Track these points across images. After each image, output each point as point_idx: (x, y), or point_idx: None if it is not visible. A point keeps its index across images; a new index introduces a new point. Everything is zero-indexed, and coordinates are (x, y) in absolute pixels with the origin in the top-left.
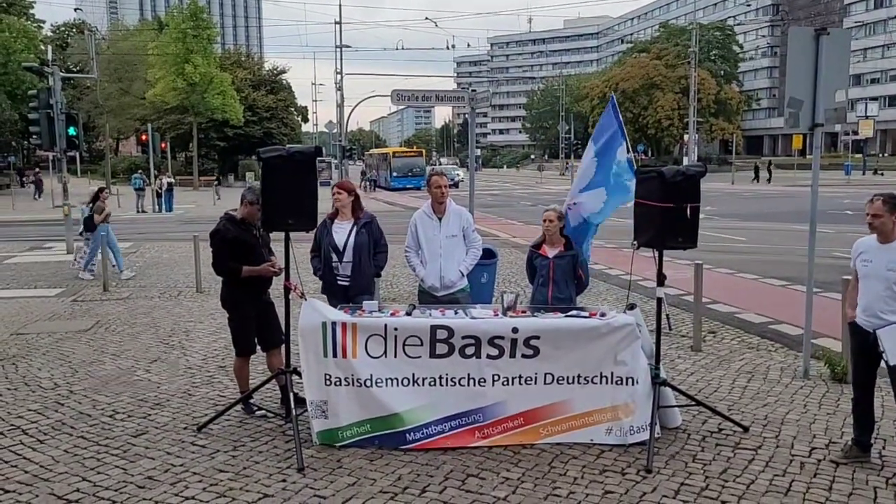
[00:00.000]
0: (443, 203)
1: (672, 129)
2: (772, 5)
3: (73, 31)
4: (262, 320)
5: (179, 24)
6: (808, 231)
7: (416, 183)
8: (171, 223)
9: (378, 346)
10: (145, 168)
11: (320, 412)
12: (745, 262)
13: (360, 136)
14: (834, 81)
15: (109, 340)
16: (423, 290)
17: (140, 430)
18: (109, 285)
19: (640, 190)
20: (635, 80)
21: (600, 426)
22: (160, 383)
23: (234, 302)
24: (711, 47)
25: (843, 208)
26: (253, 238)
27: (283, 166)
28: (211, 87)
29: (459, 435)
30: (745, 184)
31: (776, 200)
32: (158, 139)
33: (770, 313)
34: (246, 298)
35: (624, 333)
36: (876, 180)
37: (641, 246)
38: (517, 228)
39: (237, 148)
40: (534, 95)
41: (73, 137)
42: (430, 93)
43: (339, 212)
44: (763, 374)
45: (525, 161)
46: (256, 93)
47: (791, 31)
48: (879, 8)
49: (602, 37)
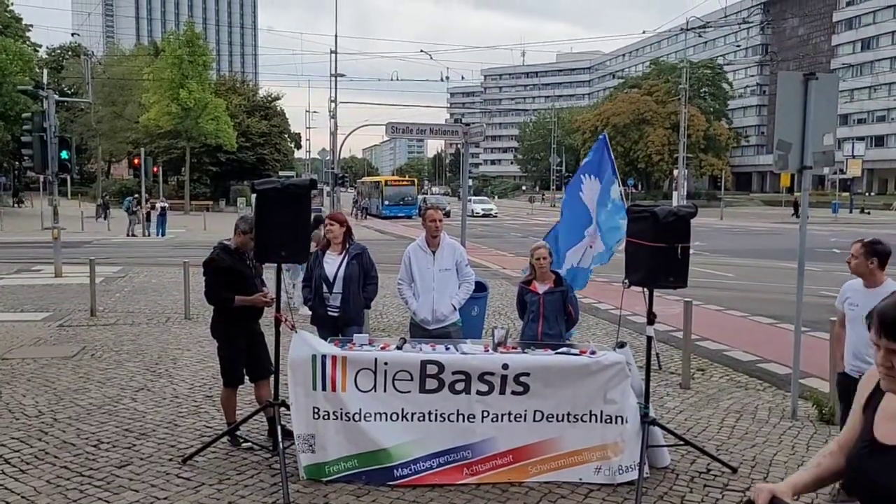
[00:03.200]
0: (437, 237)
1: (662, 163)
2: (761, 45)
3: (68, 55)
4: (251, 351)
5: (175, 50)
6: (795, 269)
7: (408, 212)
8: (161, 247)
9: (368, 380)
10: (137, 192)
11: (307, 446)
12: (734, 298)
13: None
14: (822, 125)
15: (95, 367)
16: (414, 323)
17: (124, 461)
18: (97, 310)
19: (631, 229)
20: (626, 115)
21: (589, 465)
22: (146, 412)
23: (225, 331)
24: (701, 85)
25: (831, 246)
26: (246, 268)
27: (277, 198)
28: (205, 112)
29: (448, 472)
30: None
31: (764, 237)
32: (151, 163)
33: (758, 351)
34: (236, 328)
35: (614, 371)
36: (863, 219)
37: (633, 285)
38: (507, 260)
39: (230, 173)
40: (526, 127)
41: (66, 161)
42: (424, 126)
43: (331, 243)
44: (751, 413)
45: (516, 192)
46: (250, 118)
47: (780, 75)
48: (866, 50)
49: (594, 71)
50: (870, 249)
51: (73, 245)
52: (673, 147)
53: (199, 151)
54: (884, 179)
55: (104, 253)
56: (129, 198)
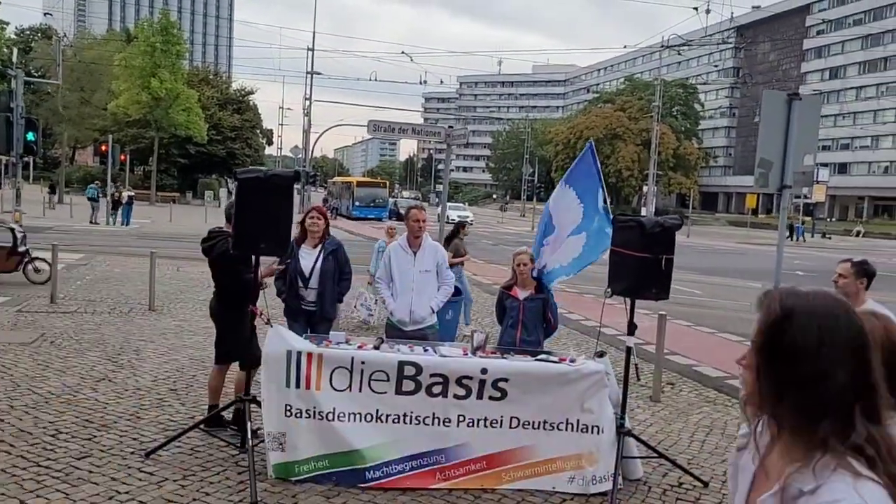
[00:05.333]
0: (419, 237)
1: (632, 179)
2: (733, 68)
3: (38, 36)
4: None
5: (149, 38)
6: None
7: (378, 214)
8: (125, 237)
9: (343, 379)
10: (102, 179)
11: (278, 444)
12: (702, 315)
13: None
14: (804, 145)
15: (54, 355)
16: (391, 324)
17: (84, 453)
18: (57, 297)
19: (617, 238)
20: (599, 130)
21: (563, 474)
22: (107, 404)
23: (229, 314)
24: (674, 103)
25: (795, 268)
26: None
27: (259, 189)
28: (176, 102)
29: (420, 475)
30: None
31: (730, 256)
32: (118, 151)
33: (727, 367)
34: (239, 312)
35: (592, 381)
36: (824, 243)
37: (615, 294)
38: (479, 267)
39: (198, 166)
40: (499, 136)
41: (32, 143)
42: (406, 126)
43: (309, 237)
44: (721, 428)
45: (486, 200)
46: (222, 112)
47: (765, 94)
48: (834, 79)
49: (569, 84)
50: (860, 270)
51: (35, 230)
52: (643, 164)
53: (167, 142)
54: (845, 206)
55: (66, 239)
56: (91, 185)
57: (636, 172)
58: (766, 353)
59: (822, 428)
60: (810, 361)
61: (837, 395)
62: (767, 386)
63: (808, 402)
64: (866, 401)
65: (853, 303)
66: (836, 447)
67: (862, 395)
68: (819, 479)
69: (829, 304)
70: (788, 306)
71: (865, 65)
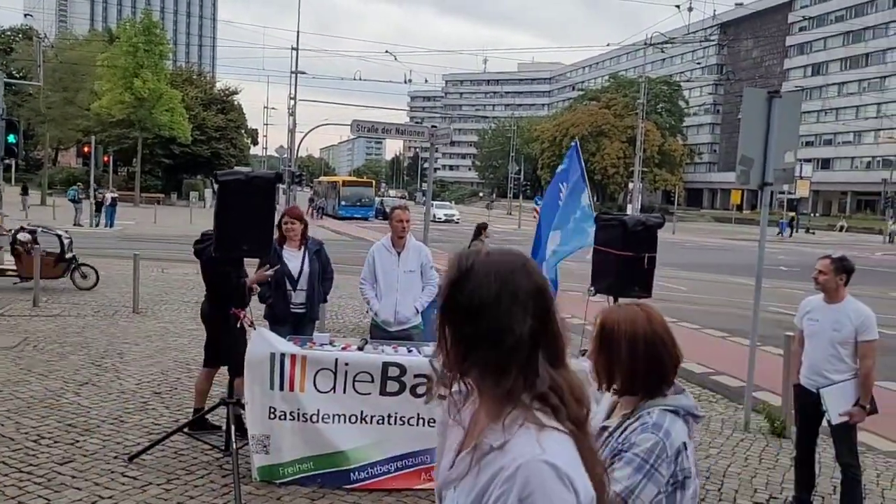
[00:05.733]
0: (403, 237)
1: (617, 176)
2: (717, 65)
3: (18, 37)
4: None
5: (131, 38)
6: (746, 284)
7: (365, 213)
8: (109, 239)
9: (327, 380)
10: (85, 181)
11: (262, 447)
12: (686, 311)
13: (309, 163)
14: (784, 142)
15: (37, 359)
16: (375, 324)
17: (67, 458)
18: (39, 300)
19: (599, 237)
20: (584, 127)
21: None
22: (90, 408)
23: (219, 314)
24: (659, 100)
25: (778, 264)
26: None
27: (241, 190)
28: (160, 103)
29: (405, 476)
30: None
31: (715, 252)
32: (101, 152)
33: (711, 364)
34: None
35: None
36: (808, 238)
37: (598, 293)
38: None
39: (183, 166)
40: (485, 134)
41: (13, 145)
42: (390, 125)
43: (288, 239)
44: (705, 424)
45: (473, 198)
46: (206, 112)
47: (746, 91)
48: (816, 75)
49: (554, 82)
50: (839, 266)
51: None
52: (628, 160)
53: (151, 143)
54: (828, 201)
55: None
56: (73, 187)
57: (622, 169)
58: (447, 312)
59: (507, 381)
60: (488, 317)
61: (518, 347)
62: (453, 345)
63: (491, 358)
64: (549, 348)
65: (833, 298)
66: (523, 399)
67: (544, 343)
68: (507, 434)
69: (507, 259)
70: (467, 266)
71: (847, 61)
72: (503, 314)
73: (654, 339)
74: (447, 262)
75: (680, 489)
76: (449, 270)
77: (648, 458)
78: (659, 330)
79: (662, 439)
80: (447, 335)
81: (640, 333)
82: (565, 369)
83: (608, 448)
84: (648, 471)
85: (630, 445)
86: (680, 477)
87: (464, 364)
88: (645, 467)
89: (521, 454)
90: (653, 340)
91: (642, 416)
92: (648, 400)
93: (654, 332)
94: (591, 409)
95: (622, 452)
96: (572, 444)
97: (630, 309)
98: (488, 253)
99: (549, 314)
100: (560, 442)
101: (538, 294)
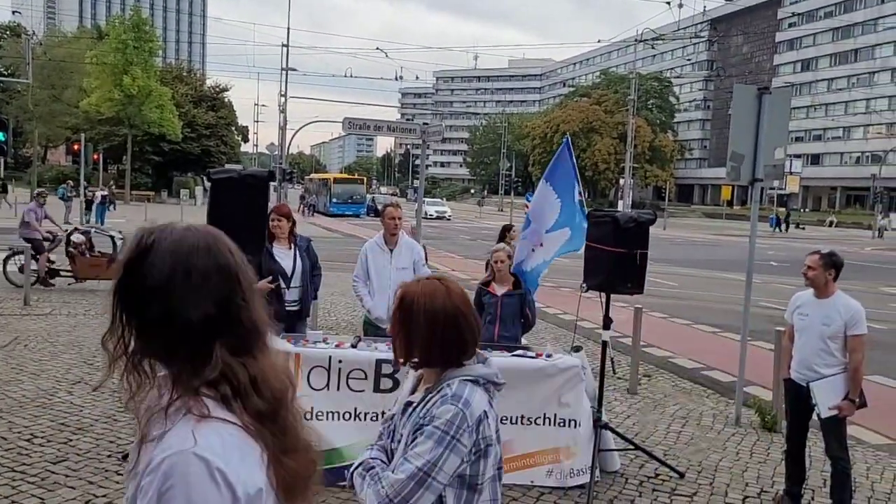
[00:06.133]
0: (395, 235)
1: (608, 172)
2: (707, 61)
3: (6, 34)
4: None
5: (120, 35)
6: (736, 279)
7: (356, 210)
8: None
9: (321, 378)
10: (75, 179)
11: None
12: (677, 307)
13: (300, 160)
14: (774, 138)
15: (29, 358)
16: (368, 322)
17: (60, 457)
18: (30, 299)
19: (592, 234)
20: (575, 123)
21: (541, 468)
22: (83, 406)
23: None
24: (649, 97)
25: (769, 259)
26: None
27: (233, 188)
28: (149, 100)
29: None
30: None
31: (706, 248)
32: (91, 150)
33: (702, 359)
34: None
35: (569, 375)
36: (798, 234)
37: (591, 289)
38: (457, 262)
39: (173, 164)
40: (476, 131)
41: (2, 143)
42: (381, 123)
43: (277, 237)
44: (696, 419)
45: (464, 195)
46: (196, 109)
47: (736, 88)
48: (806, 71)
49: (545, 79)
50: (828, 261)
51: (6, 231)
52: (619, 157)
53: (141, 140)
54: (818, 197)
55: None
56: (62, 185)
57: (612, 166)
58: (119, 292)
59: (174, 367)
60: (159, 299)
61: (188, 332)
62: (126, 328)
63: (160, 343)
64: (232, 335)
65: (823, 293)
66: (191, 386)
67: (225, 329)
68: (169, 423)
69: (188, 237)
70: (146, 244)
71: (836, 57)
72: (174, 297)
73: (454, 312)
74: (131, 237)
75: (483, 457)
76: (128, 248)
77: (449, 429)
78: (458, 303)
79: (462, 409)
80: (119, 316)
81: (439, 307)
82: (253, 358)
83: (411, 423)
84: (450, 442)
85: (431, 418)
86: (482, 445)
87: (132, 348)
88: (446, 439)
89: (171, 446)
90: (453, 314)
91: (442, 388)
92: (449, 371)
93: (453, 306)
94: (285, 402)
95: (423, 426)
96: (241, 437)
97: (430, 283)
98: (173, 230)
99: (231, 298)
100: (221, 434)
101: (219, 275)
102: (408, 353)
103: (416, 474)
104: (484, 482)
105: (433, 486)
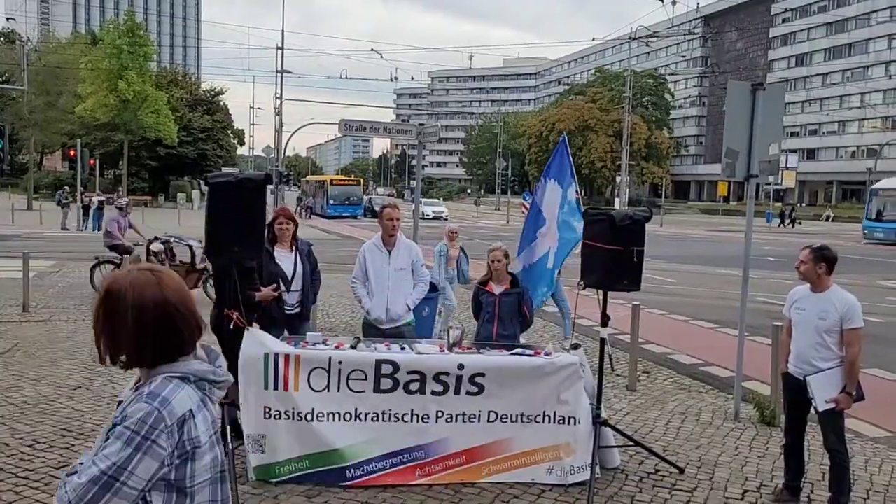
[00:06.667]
0: (393, 236)
1: (605, 170)
2: (702, 57)
3: (1, 41)
4: None
5: (115, 40)
6: (733, 275)
7: (353, 211)
8: (96, 242)
9: (321, 379)
10: (71, 184)
11: (258, 446)
12: (676, 303)
13: (296, 162)
14: (769, 135)
15: (28, 365)
16: (367, 323)
17: (62, 462)
18: (30, 305)
19: (588, 232)
20: (571, 122)
21: (542, 466)
22: (84, 412)
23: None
24: (644, 94)
25: (765, 255)
26: None
27: (231, 192)
28: (145, 105)
29: (400, 472)
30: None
31: (702, 244)
32: (87, 155)
33: (700, 355)
34: None
35: (568, 373)
36: (794, 229)
37: (588, 287)
38: None
39: (170, 168)
40: (472, 131)
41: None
42: (377, 124)
43: (280, 240)
44: (696, 415)
45: (461, 195)
46: (192, 113)
47: (730, 84)
48: (800, 66)
49: (540, 77)
50: (818, 255)
51: (4, 238)
52: (615, 154)
53: (137, 145)
54: (814, 191)
55: (36, 246)
56: (59, 190)
57: (609, 163)
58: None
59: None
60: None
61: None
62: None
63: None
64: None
65: (819, 287)
66: None
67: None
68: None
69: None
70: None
71: (830, 51)
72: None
73: (167, 305)
74: None
75: (190, 460)
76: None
77: (140, 429)
78: (172, 295)
79: (158, 408)
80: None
81: (149, 300)
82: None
83: None
84: (140, 443)
85: (123, 418)
86: (188, 447)
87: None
88: (136, 440)
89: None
90: (164, 307)
91: (142, 387)
92: (159, 368)
93: (165, 299)
94: None
95: (115, 426)
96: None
97: (140, 274)
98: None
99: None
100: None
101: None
102: (114, 352)
103: (100, 478)
104: (195, 486)
105: (122, 491)
